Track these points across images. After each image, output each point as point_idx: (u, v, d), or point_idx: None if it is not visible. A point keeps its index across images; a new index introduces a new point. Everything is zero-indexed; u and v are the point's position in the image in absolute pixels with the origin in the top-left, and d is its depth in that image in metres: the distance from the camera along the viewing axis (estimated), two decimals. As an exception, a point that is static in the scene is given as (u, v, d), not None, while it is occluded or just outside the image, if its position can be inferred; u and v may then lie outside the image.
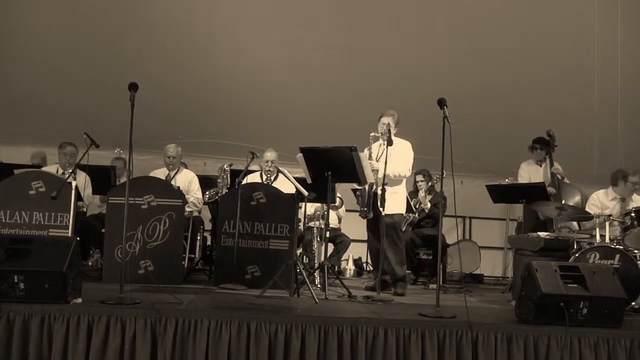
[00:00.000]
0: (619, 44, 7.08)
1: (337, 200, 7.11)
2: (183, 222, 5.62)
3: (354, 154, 4.98)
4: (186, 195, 6.06)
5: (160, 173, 6.45)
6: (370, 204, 5.57)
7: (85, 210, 6.35)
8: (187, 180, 6.49)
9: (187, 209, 6.21)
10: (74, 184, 5.21)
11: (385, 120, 5.70)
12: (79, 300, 3.90)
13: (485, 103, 7.83)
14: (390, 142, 5.54)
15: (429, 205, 6.83)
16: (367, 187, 5.67)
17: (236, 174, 6.17)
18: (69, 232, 5.10)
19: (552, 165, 6.58)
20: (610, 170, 6.16)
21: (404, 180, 5.82)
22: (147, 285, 4.96)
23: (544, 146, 6.83)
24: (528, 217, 6.56)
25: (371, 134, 5.65)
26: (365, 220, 5.78)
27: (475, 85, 7.64)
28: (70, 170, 5.50)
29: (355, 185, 5.78)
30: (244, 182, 5.80)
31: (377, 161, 5.66)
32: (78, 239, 4.06)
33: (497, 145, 8.27)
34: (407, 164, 5.66)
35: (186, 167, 7.15)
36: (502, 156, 8.18)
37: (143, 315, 3.70)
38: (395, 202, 5.66)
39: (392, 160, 5.62)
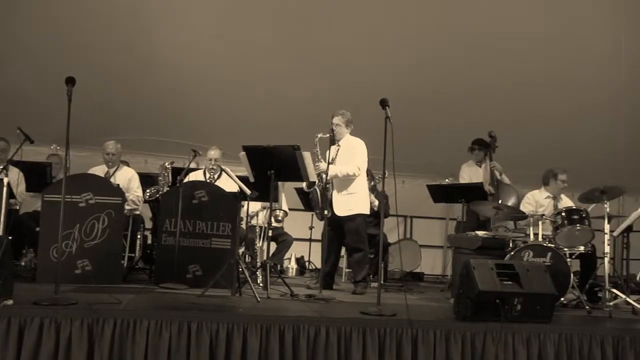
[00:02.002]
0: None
1: (282, 213, 7.09)
2: (122, 221, 5.51)
3: (296, 152, 4.99)
4: (126, 193, 5.94)
5: (100, 170, 6.30)
6: (326, 203, 5.61)
7: (18, 207, 6.12)
8: (127, 178, 6.37)
9: (127, 207, 6.09)
10: (5, 180, 5.02)
11: (335, 119, 5.75)
12: (10, 301, 3.74)
13: (430, 105, 7.99)
14: (332, 141, 5.58)
15: (376, 202, 6.91)
16: (318, 188, 5.70)
17: (178, 172, 6.09)
18: (0, 231, 4.90)
19: (492, 168, 6.77)
20: (541, 171, 6.41)
21: (363, 180, 5.86)
22: (84, 286, 4.82)
23: (482, 147, 7.03)
24: (469, 216, 6.75)
25: (317, 135, 5.67)
26: (322, 220, 5.82)
27: (425, 88, 7.79)
28: (2, 167, 5.29)
29: (304, 187, 5.80)
30: (185, 180, 5.73)
31: (334, 161, 5.71)
32: (10, 237, 3.90)
33: (439, 145, 8.46)
34: (358, 162, 5.69)
35: (127, 164, 7.00)
36: (444, 156, 8.37)
37: (79, 317, 3.58)
38: (354, 203, 5.71)
39: (343, 160, 5.68)
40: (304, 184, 5.70)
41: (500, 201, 6.09)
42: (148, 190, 6.52)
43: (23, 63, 7.29)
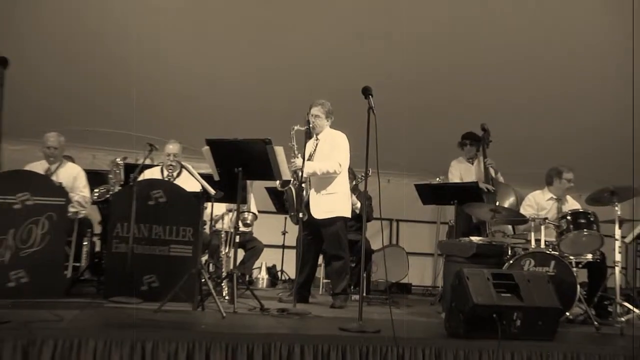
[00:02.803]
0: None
1: (251, 216, 7.08)
2: (66, 225, 5.46)
3: (268, 147, 4.97)
4: (70, 193, 5.88)
5: (39, 167, 6.21)
6: (302, 204, 5.60)
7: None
8: (71, 176, 6.30)
9: (72, 209, 6.04)
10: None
11: (314, 110, 5.76)
12: None
13: (416, 93, 8.02)
14: (309, 135, 5.58)
15: (358, 204, 6.91)
16: (293, 187, 5.69)
17: (131, 169, 6.03)
18: None
19: (486, 165, 6.83)
20: (544, 170, 6.47)
21: (345, 178, 5.87)
22: (19, 301, 4.74)
23: (474, 142, 7.09)
24: (461, 220, 6.80)
25: (293, 127, 5.66)
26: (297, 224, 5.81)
27: (407, 73, 7.81)
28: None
29: (277, 186, 5.78)
30: (140, 178, 5.68)
31: (312, 157, 5.72)
32: None
33: (429, 141, 8.52)
34: (339, 158, 5.70)
35: (71, 160, 6.91)
36: (434, 154, 8.42)
37: (12, 338, 3.49)
38: (333, 205, 5.72)
39: (322, 156, 5.68)
40: (277, 183, 5.69)
41: (497, 203, 6.14)
42: (96, 190, 6.47)
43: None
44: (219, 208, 6.66)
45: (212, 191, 5.22)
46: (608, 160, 8.23)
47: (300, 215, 5.57)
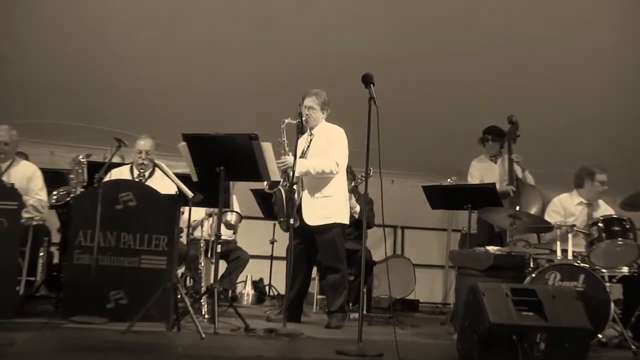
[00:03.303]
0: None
1: (235, 216, 7.07)
2: (19, 233, 5.43)
3: (254, 143, 4.96)
4: (24, 197, 5.81)
5: (-13, 166, 6.17)
6: (293, 209, 5.58)
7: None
8: (25, 176, 6.23)
9: (26, 215, 5.95)
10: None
11: (307, 101, 5.76)
12: None
13: (425, 78, 8.01)
14: (301, 130, 5.56)
15: (358, 208, 6.90)
16: (283, 189, 5.67)
17: (96, 168, 5.97)
18: None
19: (511, 161, 6.81)
20: (573, 169, 6.46)
21: (342, 179, 5.87)
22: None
23: (497, 137, 7.07)
24: (478, 227, 6.78)
25: (284, 121, 5.64)
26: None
27: (414, 57, 7.79)
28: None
29: (265, 188, 5.76)
30: (106, 178, 5.65)
31: (305, 154, 5.71)
32: None
33: (439, 135, 8.50)
34: (336, 156, 5.70)
35: (25, 157, 6.88)
36: (444, 151, 8.40)
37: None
38: (329, 210, 5.71)
39: (317, 153, 5.67)
40: (265, 184, 5.66)
41: (518, 207, 6.12)
42: (55, 193, 6.44)
43: None
44: (198, 213, 6.64)
45: (189, 194, 5.20)
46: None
47: (291, 221, 5.53)
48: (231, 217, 7.03)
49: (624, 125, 8.39)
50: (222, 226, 6.44)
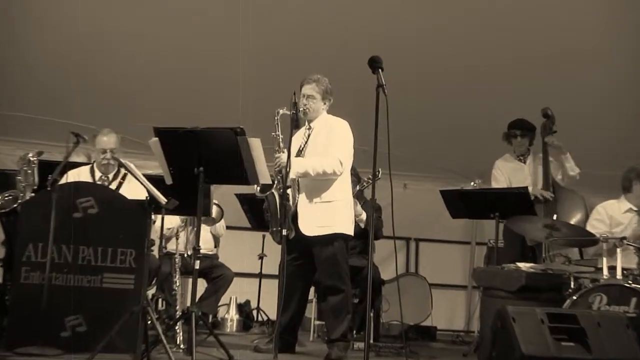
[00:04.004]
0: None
1: (214, 209, 7.05)
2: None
3: (239, 139, 4.96)
4: (-40, 203, 5.82)
5: None
6: (287, 217, 5.58)
7: None
8: (-39, 178, 6.25)
9: (-38, 225, 5.97)
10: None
11: (306, 89, 5.75)
12: None
13: (440, 62, 8.01)
14: (296, 123, 5.56)
15: (364, 216, 6.89)
16: (276, 193, 5.67)
17: (50, 169, 5.96)
18: None
19: (546, 160, 6.79)
20: (618, 172, 6.48)
21: (346, 182, 5.86)
22: None
23: (526, 132, 7.05)
24: (508, 239, 6.78)
25: (278, 111, 5.64)
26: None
27: (425, 34, 7.78)
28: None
29: (256, 192, 5.75)
30: (62, 181, 5.63)
31: (302, 153, 5.71)
32: None
33: (459, 129, 8.50)
34: (340, 154, 5.67)
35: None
36: (467, 148, 8.40)
37: None
38: (331, 218, 5.69)
39: (317, 150, 5.66)
40: (255, 188, 5.66)
41: (555, 216, 6.12)
42: (-1, 198, 6.42)
43: None
44: (172, 222, 6.64)
45: (162, 199, 5.20)
46: None
47: (285, 232, 5.54)
48: (215, 215, 7.02)
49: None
50: (203, 236, 6.43)
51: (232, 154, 5.02)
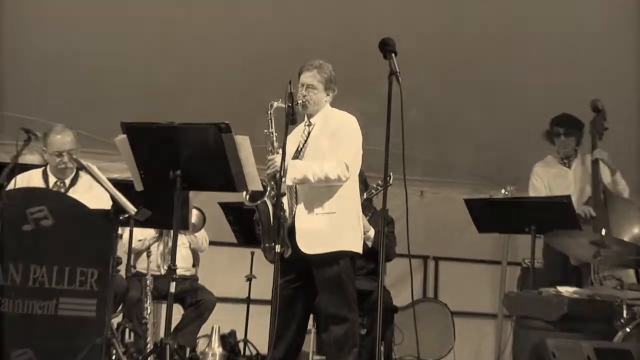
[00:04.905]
0: None
1: (194, 214, 7.06)
2: None
3: (225, 136, 4.99)
4: None
5: None
6: (282, 231, 5.57)
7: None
8: None
9: None
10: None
11: (306, 77, 5.74)
12: None
13: (465, 50, 8.03)
14: (293, 119, 5.55)
15: (372, 233, 6.88)
16: (269, 201, 5.65)
17: (-5, 172, 5.98)
18: None
19: (595, 162, 6.78)
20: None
21: (354, 189, 5.85)
22: None
23: (572, 130, 7.04)
24: (551, 259, 6.77)
25: (272, 104, 5.63)
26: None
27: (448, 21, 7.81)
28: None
29: (245, 200, 5.75)
30: (10, 187, 5.63)
31: (300, 154, 5.71)
32: None
33: (487, 128, 8.51)
34: (345, 156, 5.65)
35: None
36: (498, 148, 8.41)
37: None
38: (335, 233, 5.68)
39: (317, 151, 5.65)
40: (244, 196, 5.65)
41: (604, 231, 6.11)
42: None
43: None
44: (144, 236, 6.64)
45: (131, 208, 5.20)
46: None
47: (279, 248, 5.53)
48: (195, 227, 7.03)
49: None
50: (180, 252, 6.43)
51: (216, 155, 5.05)
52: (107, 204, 5.30)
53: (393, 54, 4.45)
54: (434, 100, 7.79)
